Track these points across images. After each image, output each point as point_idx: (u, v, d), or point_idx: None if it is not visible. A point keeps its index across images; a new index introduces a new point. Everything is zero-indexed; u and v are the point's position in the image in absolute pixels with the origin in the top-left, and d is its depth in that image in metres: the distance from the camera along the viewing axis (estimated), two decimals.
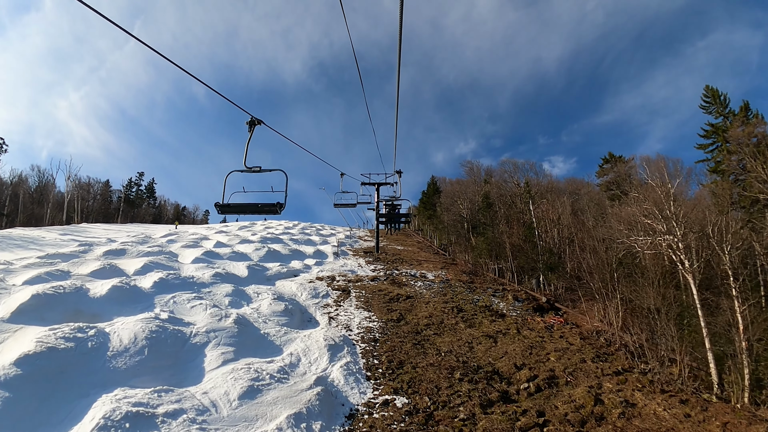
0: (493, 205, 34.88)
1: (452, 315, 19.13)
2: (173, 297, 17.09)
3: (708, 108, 28.39)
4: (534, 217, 29.83)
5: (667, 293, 18.89)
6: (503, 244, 30.00)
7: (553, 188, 34.34)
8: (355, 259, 33.89)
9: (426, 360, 14.17)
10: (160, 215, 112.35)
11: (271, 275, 23.24)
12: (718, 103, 27.92)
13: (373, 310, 18.75)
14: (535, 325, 20.54)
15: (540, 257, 27.80)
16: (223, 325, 14.71)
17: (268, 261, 26.70)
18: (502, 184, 39.19)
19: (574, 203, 31.09)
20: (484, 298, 23.84)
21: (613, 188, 30.36)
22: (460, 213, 41.43)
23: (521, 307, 23.88)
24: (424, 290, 23.29)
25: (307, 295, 20.17)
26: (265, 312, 16.96)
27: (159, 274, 19.43)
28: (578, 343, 18.81)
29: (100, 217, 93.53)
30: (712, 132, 28.55)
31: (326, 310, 18.63)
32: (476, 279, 30.53)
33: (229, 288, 19.03)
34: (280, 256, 28.87)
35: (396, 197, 37.58)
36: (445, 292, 23.57)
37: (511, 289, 27.05)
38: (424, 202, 60.53)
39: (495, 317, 20.28)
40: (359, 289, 21.89)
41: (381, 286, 22.77)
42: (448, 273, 31.65)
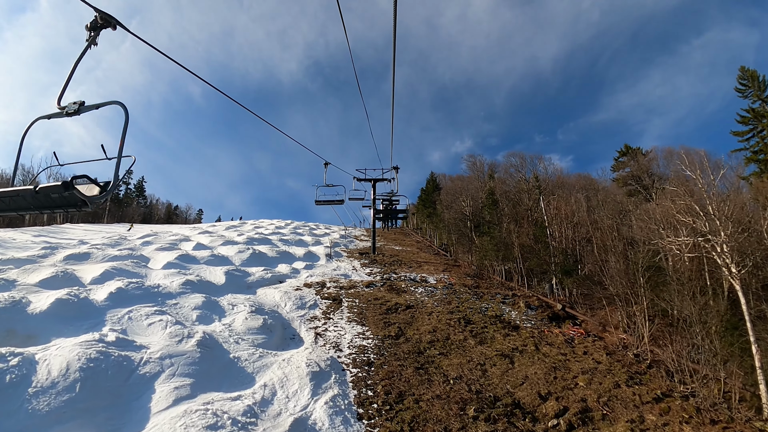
0: (498, 202, 32.40)
1: (459, 328, 16.59)
2: (130, 312, 14.47)
3: (744, 92, 25.92)
4: (545, 215, 27.37)
5: (710, 302, 16.45)
6: (511, 244, 27.53)
7: (563, 183, 31.89)
8: (350, 262, 31.30)
9: (431, 390, 11.63)
10: (151, 214, 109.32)
11: (252, 282, 20.63)
12: (757, 85, 25.43)
13: (368, 324, 16.19)
14: (553, 339, 18.06)
15: (553, 259, 25.33)
16: (182, 349, 12.12)
17: (252, 265, 24.08)
18: (508, 180, 36.78)
19: (589, 199, 28.67)
20: (493, 305, 21.33)
21: (632, 183, 27.93)
22: (462, 211, 38.94)
23: (535, 316, 21.39)
24: (426, 297, 20.75)
25: (292, 306, 17.58)
26: (238, 329, 14.37)
27: (119, 282, 16.80)
28: (605, 361, 16.34)
29: (88, 217, 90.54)
30: (750, 118, 26.01)
31: (313, 325, 16.05)
32: (482, 283, 28.02)
33: (199, 299, 16.42)
34: (266, 259, 26.25)
35: (393, 193, 35.29)
36: (450, 299, 21.04)
37: (522, 295, 24.57)
38: (423, 199, 58.01)
39: (508, 330, 17.78)
40: (352, 298, 19.32)
41: (377, 294, 20.21)
42: (451, 276, 29.13)
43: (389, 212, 35.75)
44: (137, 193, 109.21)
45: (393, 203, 36.40)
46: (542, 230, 26.47)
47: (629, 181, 28.02)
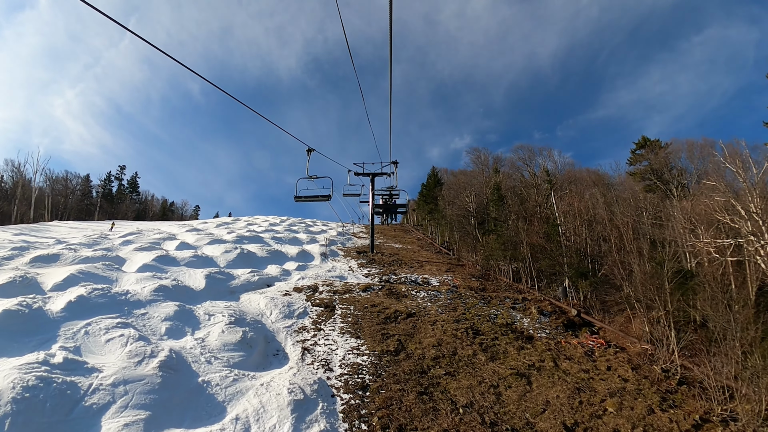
0: (505, 197, 30.51)
1: (467, 340, 14.76)
2: (88, 325, 12.63)
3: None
4: (557, 212, 25.47)
5: (751, 311, 14.61)
6: (520, 243, 25.67)
7: (575, 178, 29.96)
8: (346, 261, 29.45)
9: (438, 423, 9.80)
10: (145, 211, 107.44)
11: (236, 286, 18.77)
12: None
13: (364, 336, 14.34)
14: (572, 352, 16.25)
15: (565, 259, 23.47)
16: (141, 372, 10.29)
17: (238, 266, 22.22)
18: (515, 174, 34.81)
19: (604, 195, 26.72)
20: (503, 312, 19.50)
21: (651, 177, 26.02)
22: (466, 207, 37.02)
23: (549, 323, 19.57)
24: (429, 303, 18.91)
25: (278, 315, 15.73)
26: (213, 344, 12.53)
27: (82, 289, 14.96)
28: (633, 378, 14.55)
29: (79, 214, 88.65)
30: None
31: (301, 337, 14.21)
32: (488, 285, 26.18)
33: (171, 308, 14.57)
34: (255, 259, 24.39)
35: (393, 188, 33.54)
36: (455, 305, 19.20)
37: (533, 299, 22.74)
38: (425, 195, 56.04)
39: (522, 341, 15.95)
40: (347, 304, 17.48)
41: (375, 299, 18.36)
42: (455, 277, 27.30)
43: (389, 207, 34.29)
44: (131, 190, 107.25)
45: (393, 198, 34.96)
46: (554, 228, 24.60)
47: (648, 176, 26.12)
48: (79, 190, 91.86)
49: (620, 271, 20.98)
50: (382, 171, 34.79)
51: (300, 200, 23.34)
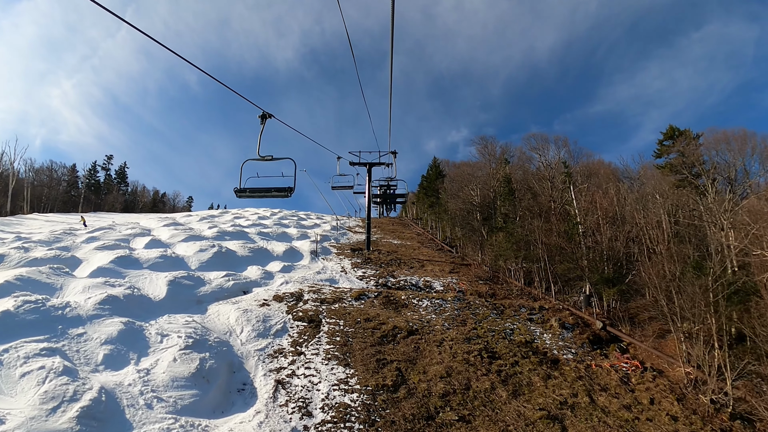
0: (515, 191, 27.86)
1: (482, 368, 12.20)
2: (5, 351, 10.00)
3: None
4: (576, 208, 22.84)
5: None
6: (534, 242, 23.08)
7: (593, 171, 27.24)
8: (339, 261, 26.84)
9: None
10: (134, 202, 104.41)
11: (205, 294, 16.13)
12: None
13: (354, 363, 11.75)
14: (607, 379, 13.77)
15: (588, 263, 20.90)
16: (52, 426, 7.69)
17: (212, 268, 19.55)
18: (526, 165, 32.10)
19: (630, 191, 24.01)
20: (520, 326, 16.96)
21: (683, 171, 23.38)
22: (470, 201, 34.36)
23: (572, 339, 17.08)
24: (433, 315, 16.33)
25: (251, 333, 13.11)
26: (159, 379, 9.91)
27: (11, 301, 12.33)
28: (680, 414, 12.10)
29: (63, 206, 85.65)
30: None
31: (275, 365, 11.60)
32: (498, 289, 23.65)
33: (116, 327, 11.93)
34: (234, 259, 21.71)
35: (392, 178, 30.98)
36: (464, 316, 16.64)
37: (551, 308, 20.21)
38: (425, 187, 53.31)
39: (546, 366, 13.43)
40: (336, 318, 14.86)
41: (369, 311, 15.75)
42: (460, 280, 24.74)
43: (388, 197, 31.89)
44: (119, 180, 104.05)
45: (391, 188, 32.53)
46: (573, 227, 22.02)
47: (681, 170, 23.47)
48: (65, 181, 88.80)
49: (652, 278, 18.43)
50: (380, 160, 32.05)
51: (244, 195, 12.43)
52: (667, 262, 17.90)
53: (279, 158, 11.03)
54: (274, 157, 10.91)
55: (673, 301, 18.56)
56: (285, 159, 11.05)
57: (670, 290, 18.70)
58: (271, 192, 12.03)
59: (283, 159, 11.02)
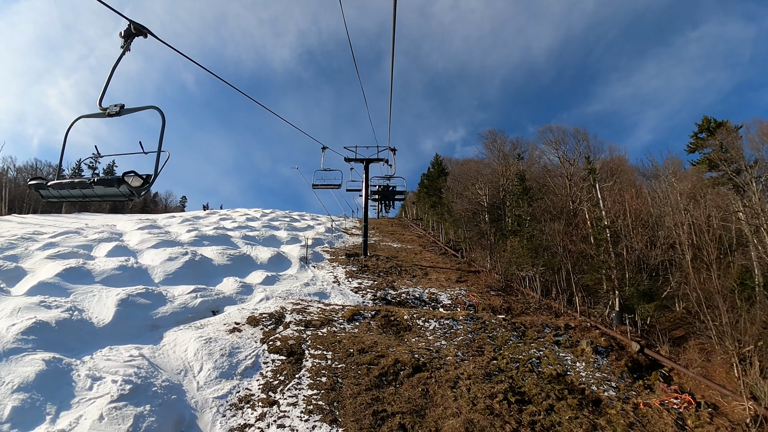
0: (530, 190, 25.12)
1: (512, 419, 9.46)
2: None
3: None
4: (603, 209, 20.12)
5: None
6: (554, 248, 20.39)
7: (617, 169, 24.47)
8: (332, 269, 24.07)
9: None
10: (124, 202, 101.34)
11: (163, 317, 13.35)
12: None
13: (344, 419, 9.00)
14: (660, 424, 11.05)
15: (618, 273, 18.17)
16: None
17: (180, 281, 16.75)
18: (542, 160, 29.40)
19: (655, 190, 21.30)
20: (547, 352, 14.24)
21: (722, 166, 20.71)
22: (478, 200, 31.66)
23: (609, 367, 14.38)
24: (443, 341, 13.59)
25: (212, 372, 10.34)
26: None
27: None
28: None
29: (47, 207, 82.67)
30: None
31: (238, 420, 8.85)
32: (514, 302, 20.94)
33: (37, 366, 9.20)
34: (208, 269, 18.93)
35: (391, 176, 28.47)
36: (480, 341, 13.91)
37: (578, 326, 17.49)
38: (426, 186, 50.54)
39: (587, 409, 10.71)
40: (323, 349, 12.10)
41: (365, 338, 12.99)
42: (470, 291, 22.02)
43: (387, 194, 29.77)
44: None
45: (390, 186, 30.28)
46: (600, 231, 19.33)
47: (720, 164, 20.80)
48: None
49: (697, 293, 15.75)
50: (378, 156, 29.40)
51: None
52: (716, 273, 15.26)
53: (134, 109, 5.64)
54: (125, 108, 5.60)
55: (723, 319, 15.90)
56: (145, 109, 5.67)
57: (717, 305, 16.06)
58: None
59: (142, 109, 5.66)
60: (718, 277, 15.91)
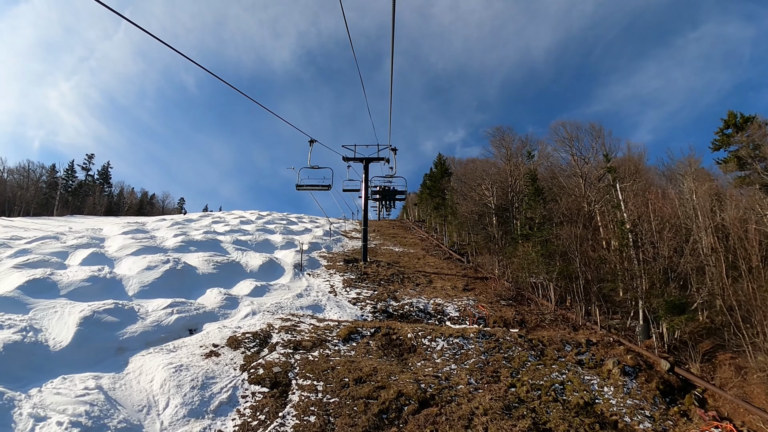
0: (543, 191, 23.47)
1: None
2: None
3: None
4: (624, 212, 18.49)
5: None
6: (571, 254, 18.81)
7: (636, 167, 22.81)
8: (328, 276, 22.50)
9: None
10: (119, 205, 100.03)
11: (131, 337, 11.81)
12: None
13: None
14: None
15: (645, 282, 16.57)
16: None
17: (157, 294, 15.21)
18: (553, 159, 27.80)
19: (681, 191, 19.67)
20: (570, 375, 12.64)
21: (754, 164, 19.11)
22: (485, 202, 30.07)
23: (640, 390, 12.82)
24: (453, 365, 12.01)
25: (179, 410, 8.79)
26: None
27: None
28: None
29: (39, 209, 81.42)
30: None
31: None
32: (527, 313, 19.36)
33: None
34: (191, 279, 17.39)
35: (392, 175, 27.07)
36: (495, 364, 12.33)
37: (600, 341, 15.88)
38: (429, 187, 49.00)
39: None
40: (313, 378, 10.53)
41: (362, 363, 11.41)
42: (478, 302, 20.45)
43: (387, 193, 28.50)
44: (102, 180, 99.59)
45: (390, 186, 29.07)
46: (622, 236, 17.74)
47: (750, 163, 19.20)
48: (44, 182, 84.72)
49: (731, 304, 14.15)
50: (378, 156, 27.91)
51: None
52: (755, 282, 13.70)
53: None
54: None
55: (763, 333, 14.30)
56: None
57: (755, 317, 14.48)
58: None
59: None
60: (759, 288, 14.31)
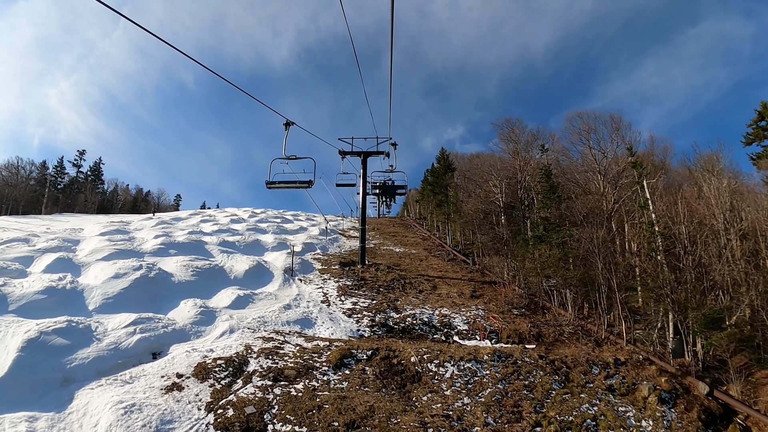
0: (558, 188, 21.57)
1: None
2: None
3: None
4: (653, 213, 16.64)
5: None
6: (592, 258, 17.01)
7: (663, 164, 20.88)
8: (322, 282, 20.71)
9: None
10: (112, 202, 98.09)
11: (82, 364, 10.01)
12: None
13: None
14: None
15: (679, 292, 14.77)
16: None
17: (122, 307, 13.38)
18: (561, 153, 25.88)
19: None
20: (603, 407, 10.87)
21: None
22: (492, 200, 28.23)
23: (681, 422, 11.07)
24: (465, 398, 10.22)
25: None
26: None
27: None
28: None
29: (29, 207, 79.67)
30: None
31: None
32: (542, 324, 17.59)
33: None
34: (165, 288, 15.56)
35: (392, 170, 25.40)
36: (515, 395, 10.54)
37: (628, 359, 14.08)
38: (432, 183, 47.11)
39: None
40: (294, 422, 8.73)
41: (356, 402, 9.60)
42: (488, 311, 18.66)
43: (387, 188, 27.08)
44: (94, 177, 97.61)
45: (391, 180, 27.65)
46: (650, 240, 15.91)
47: None
48: (34, 179, 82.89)
49: None
50: (377, 149, 26.08)
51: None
52: None
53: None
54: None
55: None
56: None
57: None
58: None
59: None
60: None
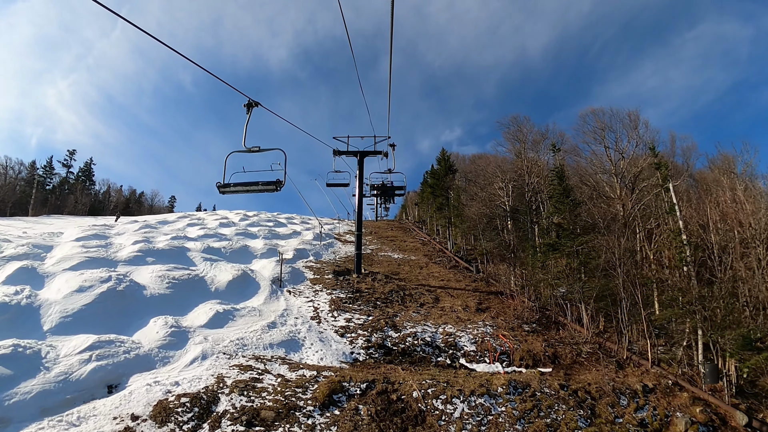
0: (571, 191, 20.10)
1: None
2: None
3: None
4: (681, 219, 15.16)
5: None
6: (613, 270, 15.51)
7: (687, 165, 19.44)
8: (313, 294, 19.14)
9: None
10: (103, 203, 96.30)
11: (21, 401, 8.40)
12: None
13: None
14: None
15: (714, 309, 13.27)
16: None
17: (80, 327, 11.77)
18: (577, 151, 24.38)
19: None
20: None
21: None
22: (497, 203, 26.76)
23: None
24: None
25: None
26: None
27: None
28: None
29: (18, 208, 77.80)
30: None
31: None
32: (557, 342, 16.06)
33: None
34: (134, 303, 13.95)
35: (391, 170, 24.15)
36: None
37: (657, 385, 12.55)
38: (432, 185, 45.64)
39: None
40: None
41: None
42: (497, 327, 17.12)
43: (386, 189, 26.87)
44: (85, 178, 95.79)
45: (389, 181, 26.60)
46: (678, 250, 14.43)
47: None
48: (23, 180, 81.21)
49: None
50: (375, 149, 24.61)
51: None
52: None
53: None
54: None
55: None
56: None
57: None
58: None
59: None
60: None
